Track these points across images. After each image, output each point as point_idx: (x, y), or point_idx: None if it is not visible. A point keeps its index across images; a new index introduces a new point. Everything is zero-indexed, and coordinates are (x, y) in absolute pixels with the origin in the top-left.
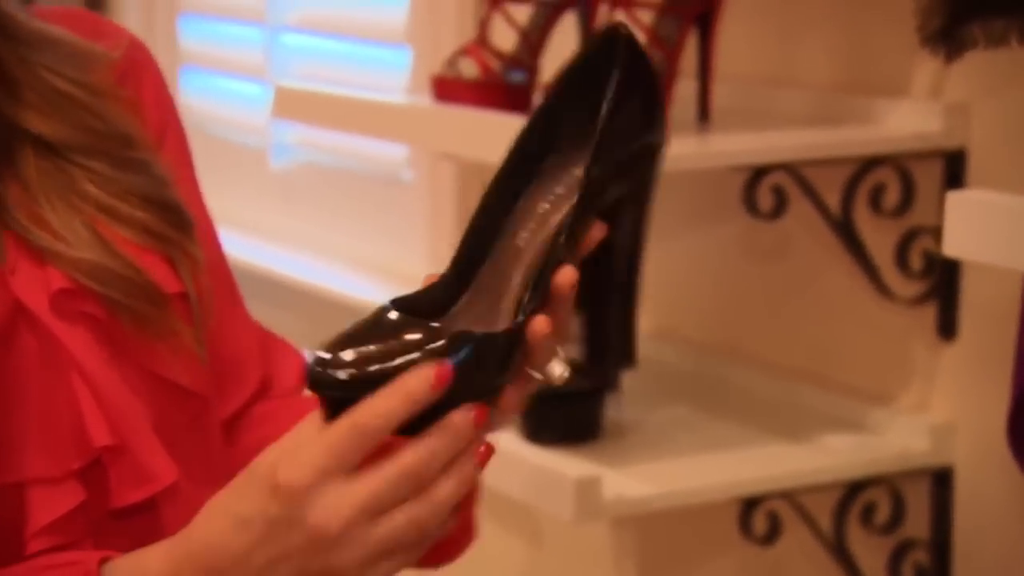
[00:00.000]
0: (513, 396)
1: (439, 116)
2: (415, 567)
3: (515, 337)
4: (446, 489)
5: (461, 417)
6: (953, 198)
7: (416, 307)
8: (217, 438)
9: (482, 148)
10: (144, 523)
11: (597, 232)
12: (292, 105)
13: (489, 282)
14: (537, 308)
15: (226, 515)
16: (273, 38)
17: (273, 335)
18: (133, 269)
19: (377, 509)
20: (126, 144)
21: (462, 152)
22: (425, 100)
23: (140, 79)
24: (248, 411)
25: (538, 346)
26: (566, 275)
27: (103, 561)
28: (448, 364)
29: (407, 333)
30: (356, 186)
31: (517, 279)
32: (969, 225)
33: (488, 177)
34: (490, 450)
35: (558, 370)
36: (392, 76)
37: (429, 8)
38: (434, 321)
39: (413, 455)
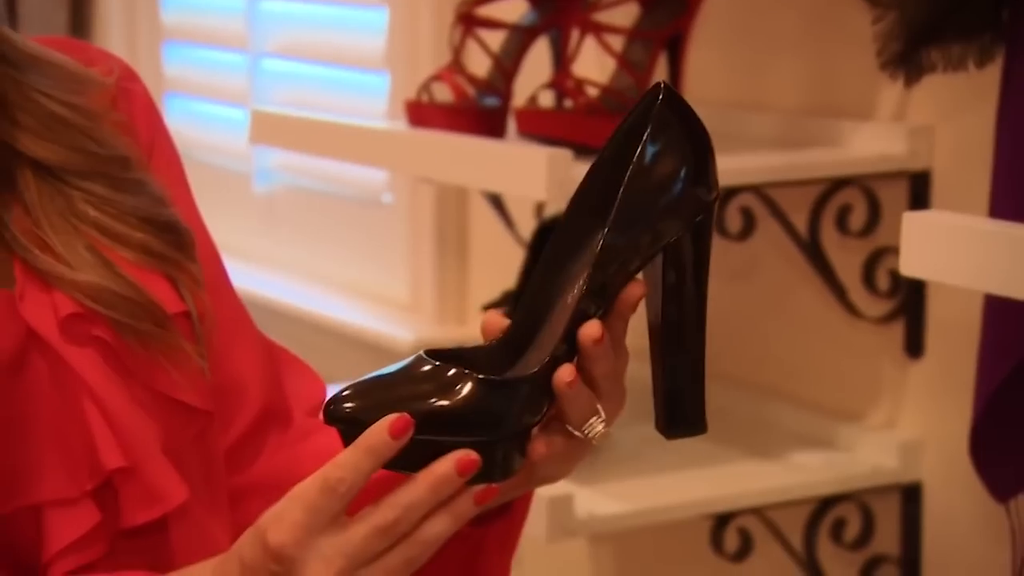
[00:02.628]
0: (541, 446)
1: (414, 140)
2: None
3: (536, 383)
4: (436, 528)
5: (444, 466)
6: (910, 219)
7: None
8: (219, 458)
9: (457, 172)
10: (154, 542)
11: (635, 289)
12: (269, 130)
13: (542, 340)
14: (565, 359)
15: (237, 568)
16: (255, 64)
17: (289, 355)
18: (135, 290)
19: (366, 556)
20: (122, 165)
21: (437, 176)
22: (400, 125)
23: (130, 102)
24: (256, 437)
25: (565, 396)
26: (590, 329)
27: None
28: (407, 415)
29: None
30: (337, 209)
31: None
32: (926, 245)
33: (466, 198)
34: (491, 492)
35: (595, 428)
36: (372, 101)
37: (407, 34)
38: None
39: (392, 509)
